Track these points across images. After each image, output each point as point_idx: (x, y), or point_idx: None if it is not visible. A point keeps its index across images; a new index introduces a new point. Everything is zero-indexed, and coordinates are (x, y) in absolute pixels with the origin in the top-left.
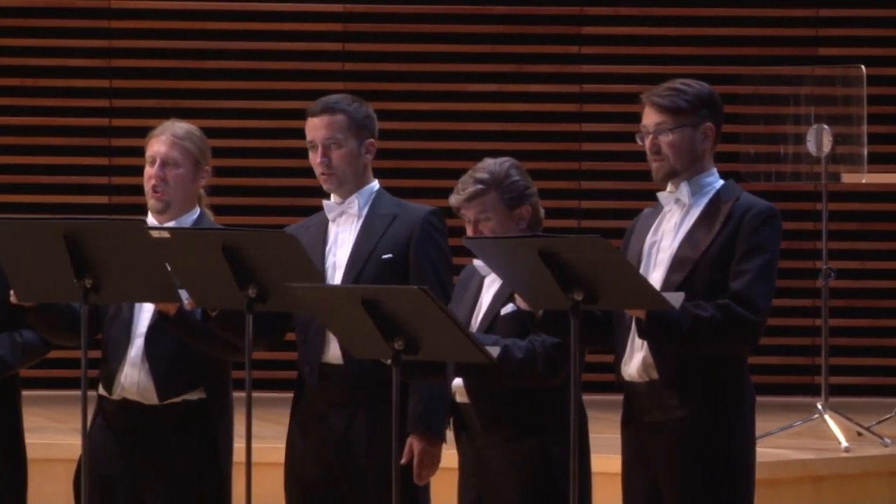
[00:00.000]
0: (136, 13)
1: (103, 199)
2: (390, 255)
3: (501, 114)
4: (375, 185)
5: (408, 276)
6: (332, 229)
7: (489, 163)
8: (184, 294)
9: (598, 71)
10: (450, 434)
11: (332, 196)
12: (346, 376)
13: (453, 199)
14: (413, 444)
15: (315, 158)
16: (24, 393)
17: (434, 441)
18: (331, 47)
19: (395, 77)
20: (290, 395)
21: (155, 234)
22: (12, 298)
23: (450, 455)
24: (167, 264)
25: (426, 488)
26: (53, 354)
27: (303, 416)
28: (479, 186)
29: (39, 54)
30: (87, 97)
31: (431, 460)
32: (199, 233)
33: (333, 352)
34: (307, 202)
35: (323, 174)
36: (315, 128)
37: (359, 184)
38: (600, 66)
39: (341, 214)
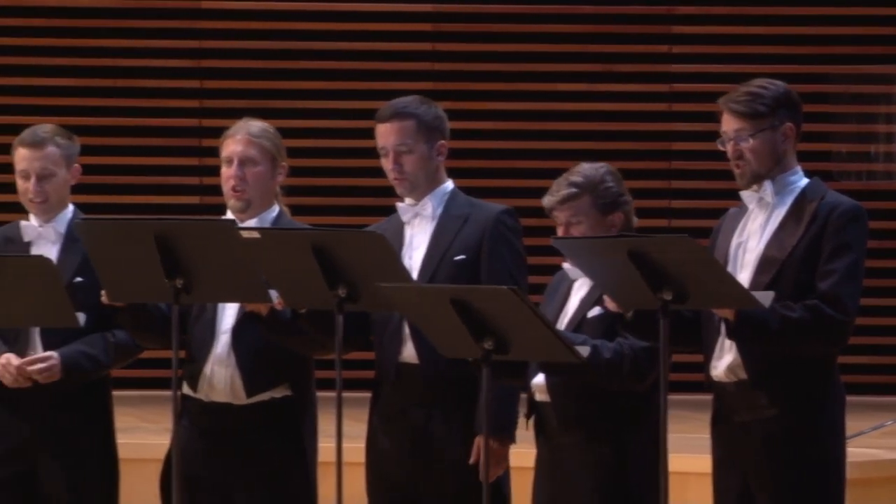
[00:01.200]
0: (227, 14)
1: (194, 200)
2: (463, 257)
3: (591, 113)
4: (449, 185)
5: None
6: (408, 232)
7: (585, 167)
8: (273, 294)
9: (688, 70)
10: (526, 433)
11: (406, 199)
12: (422, 375)
13: (547, 200)
14: (483, 443)
15: (387, 164)
16: (116, 393)
17: (505, 441)
18: (420, 47)
19: (485, 77)
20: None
21: (245, 234)
22: (104, 299)
23: (524, 454)
24: (257, 264)
25: (508, 486)
26: (145, 354)
27: (381, 414)
28: (573, 190)
29: (131, 55)
30: (178, 98)
31: (499, 460)
32: (290, 233)
33: (409, 351)
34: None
35: (396, 179)
36: (385, 134)
37: (432, 186)
38: (690, 66)
39: (415, 217)
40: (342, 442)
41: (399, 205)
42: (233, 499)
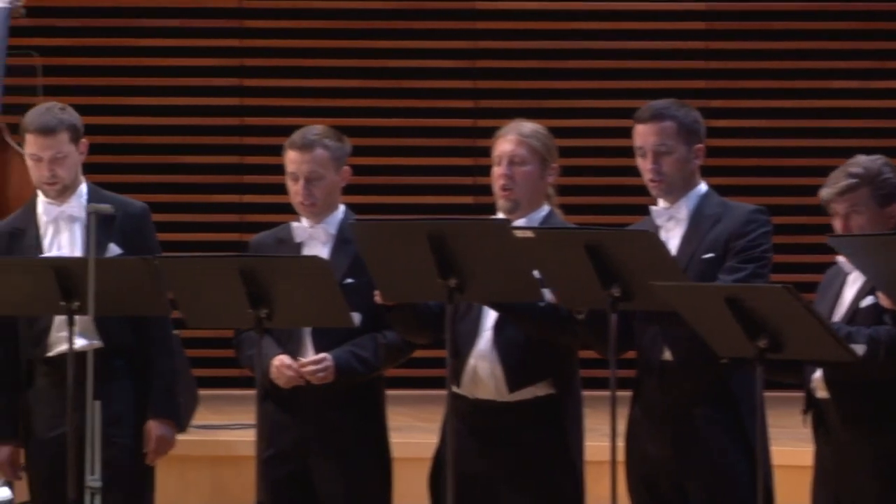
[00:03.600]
0: (501, 14)
1: (468, 200)
2: (711, 255)
3: (866, 110)
4: (703, 187)
5: None
6: (662, 235)
7: (862, 159)
8: (547, 293)
9: None
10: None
11: (660, 201)
12: (679, 374)
13: (824, 193)
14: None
15: (645, 164)
16: (389, 392)
17: None
18: (694, 45)
19: (757, 74)
20: None
21: (519, 233)
22: (377, 299)
23: (800, 453)
24: (530, 264)
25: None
26: (418, 354)
27: (644, 413)
28: (852, 181)
29: (404, 56)
30: (453, 98)
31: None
32: (564, 232)
33: (669, 351)
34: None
35: (652, 181)
36: (644, 134)
37: (687, 188)
38: None
39: (669, 220)
40: (616, 440)
41: (653, 208)
42: (499, 497)
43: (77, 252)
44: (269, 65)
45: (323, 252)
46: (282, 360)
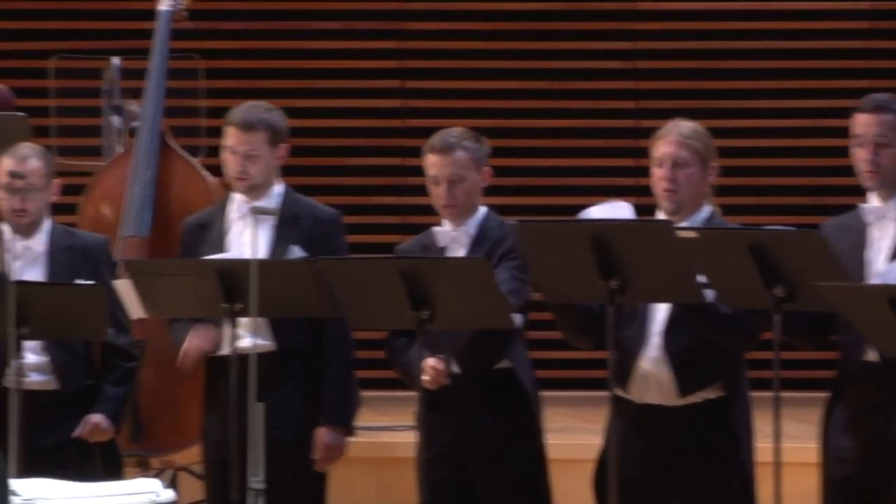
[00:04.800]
0: (662, 14)
1: (630, 201)
2: None
3: None
4: None
5: None
6: (872, 233)
7: None
8: (709, 294)
9: None
10: None
11: (873, 198)
12: (883, 374)
13: None
14: None
15: (864, 154)
16: (551, 394)
17: None
18: (856, 45)
19: None
20: (820, 395)
21: (682, 234)
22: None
23: None
24: (693, 265)
25: None
26: (580, 354)
27: (842, 415)
28: None
29: (565, 57)
30: (614, 99)
31: None
32: (728, 233)
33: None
34: (834, 201)
35: (869, 171)
36: (866, 124)
37: None
38: None
39: (881, 218)
40: (781, 442)
41: (864, 206)
42: (667, 501)
43: (259, 251)
44: (431, 66)
45: (462, 254)
46: (430, 362)
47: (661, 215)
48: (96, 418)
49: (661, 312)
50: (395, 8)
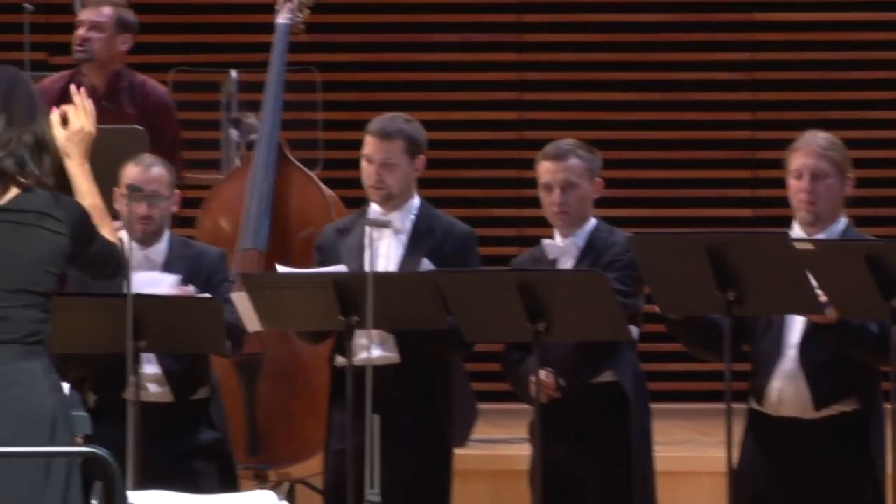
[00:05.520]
0: (780, 25)
1: (747, 213)
2: None
3: None
4: None
5: None
6: None
7: None
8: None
9: None
10: None
11: None
12: None
13: None
14: None
15: None
16: (669, 406)
17: None
18: None
19: None
20: None
21: (799, 245)
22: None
23: None
24: (810, 275)
25: None
26: (703, 367)
27: None
28: None
29: (683, 69)
30: (731, 110)
31: None
32: (844, 244)
33: None
34: None
35: None
36: None
37: None
38: None
39: None
40: None
41: None
42: None
43: (392, 263)
44: (548, 79)
45: (570, 265)
46: (540, 375)
47: (797, 226)
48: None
49: (797, 326)
50: (513, 20)
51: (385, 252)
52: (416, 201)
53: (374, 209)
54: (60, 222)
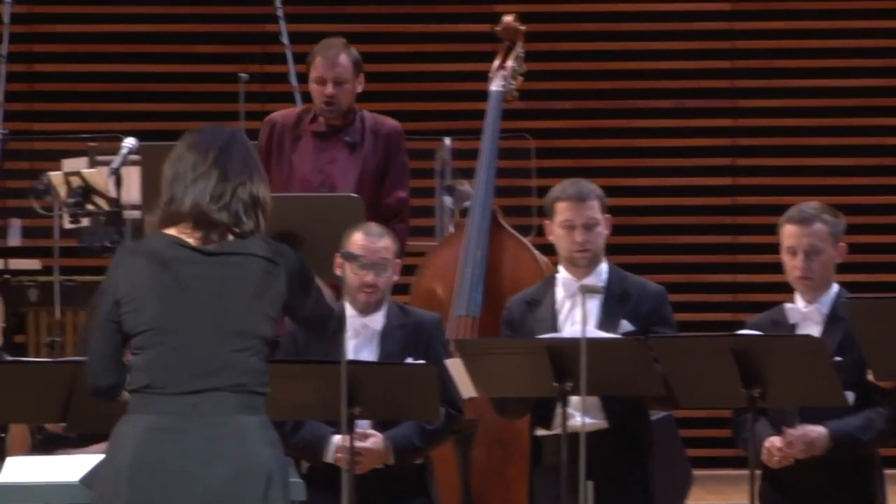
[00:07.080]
0: None
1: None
2: None
3: None
4: None
5: None
6: None
7: None
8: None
9: None
10: None
11: None
12: None
13: None
14: None
15: None
16: None
17: None
18: None
19: None
20: None
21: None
22: (870, 377)
23: None
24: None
25: None
26: None
27: None
28: None
29: None
30: None
31: None
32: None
33: None
34: None
35: None
36: None
37: None
38: None
39: None
40: None
41: None
42: None
43: (591, 328)
44: (762, 144)
45: (815, 332)
46: (772, 441)
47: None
48: (376, 439)
49: None
50: (727, 86)
51: (583, 318)
52: (604, 265)
53: (564, 277)
54: (278, 267)
